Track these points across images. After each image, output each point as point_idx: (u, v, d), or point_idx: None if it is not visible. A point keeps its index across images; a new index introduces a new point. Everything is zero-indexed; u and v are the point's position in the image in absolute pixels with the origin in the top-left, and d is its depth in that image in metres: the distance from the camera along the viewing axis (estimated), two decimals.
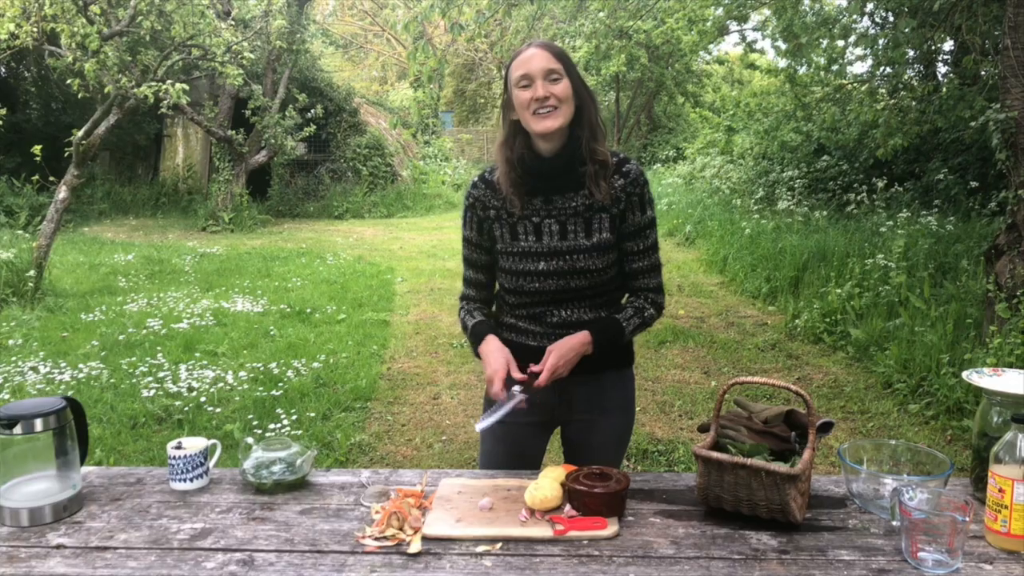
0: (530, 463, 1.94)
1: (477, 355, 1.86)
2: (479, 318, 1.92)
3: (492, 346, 1.80)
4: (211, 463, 1.78)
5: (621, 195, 1.82)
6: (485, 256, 1.93)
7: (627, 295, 1.94)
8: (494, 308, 2.01)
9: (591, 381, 1.89)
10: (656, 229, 1.91)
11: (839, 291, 6.24)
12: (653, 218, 1.88)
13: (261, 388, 4.92)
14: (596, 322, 1.85)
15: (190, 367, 5.31)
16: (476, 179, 1.92)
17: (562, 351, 1.76)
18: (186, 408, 4.55)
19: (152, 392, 4.79)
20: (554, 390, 1.80)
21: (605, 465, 1.64)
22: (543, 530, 1.48)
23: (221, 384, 4.98)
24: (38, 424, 1.55)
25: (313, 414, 4.52)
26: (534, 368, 1.75)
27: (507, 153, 1.83)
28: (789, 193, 10.09)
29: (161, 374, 5.14)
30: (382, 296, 7.87)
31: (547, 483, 1.58)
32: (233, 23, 10.32)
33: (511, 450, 1.93)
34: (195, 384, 4.96)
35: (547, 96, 1.74)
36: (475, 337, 1.87)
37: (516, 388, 1.74)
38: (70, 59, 7.69)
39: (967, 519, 1.34)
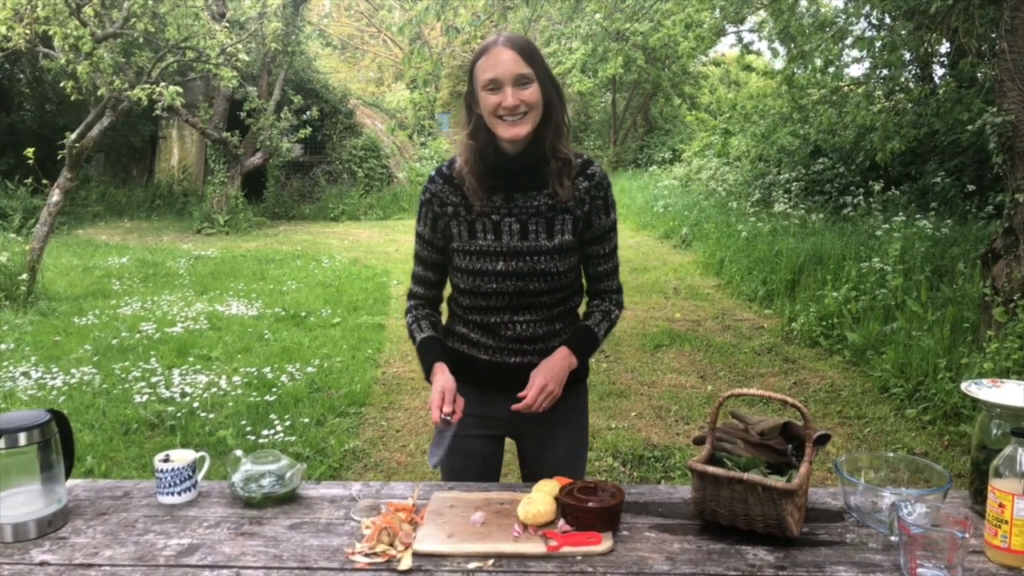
0: (489, 474, 1.94)
1: (425, 373, 1.84)
2: (427, 333, 1.87)
3: (438, 377, 1.79)
4: (199, 476, 1.75)
5: (585, 197, 1.78)
6: (437, 255, 1.87)
7: (590, 298, 1.91)
8: (446, 316, 1.96)
9: None
10: (617, 231, 1.89)
11: (835, 294, 6.22)
12: (615, 220, 1.86)
13: (255, 393, 4.89)
14: (570, 336, 1.83)
15: (183, 372, 5.28)
16: (434, 173, 1.84)
17: (546, 368, 1.74)
18: (179, 414, 4.51)
19: (145, 397, 4.76)
20: (504, 404, 1.78)
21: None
22: (536, 546, 1.46)
23: (215, 389, 4.95)
24: (22, 438, 1.52)
25: (307, 420, 4.49)
26: (521, 395, 1.72)
27: (472, 145, 1.75)
28: (785, 196, 10.10)
29: (154, 379, 5.10)
30: (377, 299, 7.84)
31: (540, 497, 1.55)
32: (228, 25, 10.28)
33: (467, 463, 1.91)
34: (188, 389, 4.93)
35: (517, 104, 1.67)
36: (423, 356, 1.85)
37: (447, 417, 1.74)
38: (63, 61, 7.65)
39: (966, 535, 1.32)
